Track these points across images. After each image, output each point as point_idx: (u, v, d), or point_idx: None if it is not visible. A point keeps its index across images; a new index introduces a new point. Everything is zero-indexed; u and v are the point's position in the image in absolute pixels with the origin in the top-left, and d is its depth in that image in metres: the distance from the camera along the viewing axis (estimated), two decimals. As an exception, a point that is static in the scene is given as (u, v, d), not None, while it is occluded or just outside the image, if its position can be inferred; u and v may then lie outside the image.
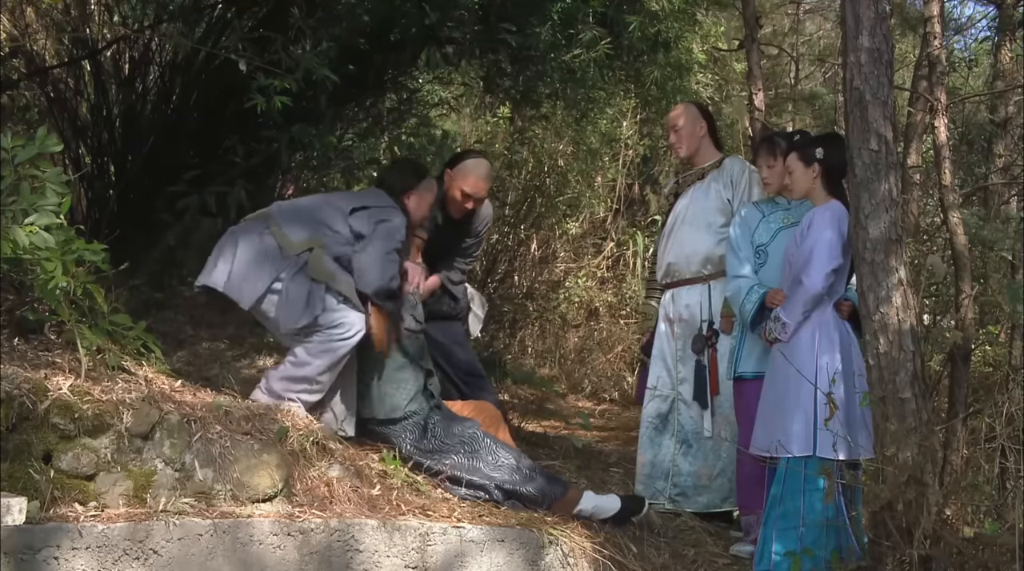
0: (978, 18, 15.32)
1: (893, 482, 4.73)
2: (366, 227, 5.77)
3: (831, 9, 17.60)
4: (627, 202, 13.83)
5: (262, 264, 5.68)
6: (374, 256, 5.70)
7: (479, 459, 5.76)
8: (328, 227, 5.78)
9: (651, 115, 12.10)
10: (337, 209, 5.86)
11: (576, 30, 7.95)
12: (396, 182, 6.15)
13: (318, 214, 5.84)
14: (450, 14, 7.65)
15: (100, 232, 7.31)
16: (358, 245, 5.74)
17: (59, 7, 8.79)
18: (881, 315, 4.97)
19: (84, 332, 4.79)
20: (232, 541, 4.40)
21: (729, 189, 6.52)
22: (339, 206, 5.89)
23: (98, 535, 4.09)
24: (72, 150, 8.92)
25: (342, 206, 5.88)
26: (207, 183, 8.01)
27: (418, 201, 6.14)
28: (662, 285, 6.83)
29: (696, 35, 10.55)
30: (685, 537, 5.96)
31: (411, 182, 6.15)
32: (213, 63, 8.42)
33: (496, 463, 5.75)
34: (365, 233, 5.75)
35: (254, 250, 5.72)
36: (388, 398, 5.83)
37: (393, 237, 5.77)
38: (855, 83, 5.11)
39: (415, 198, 6.13)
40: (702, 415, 6.45)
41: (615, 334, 12.39)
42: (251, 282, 5.68)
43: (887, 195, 5.03)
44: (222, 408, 4.99)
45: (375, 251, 5.71)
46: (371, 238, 5.74)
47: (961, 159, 12.54)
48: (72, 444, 4.35)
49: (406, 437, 5.81)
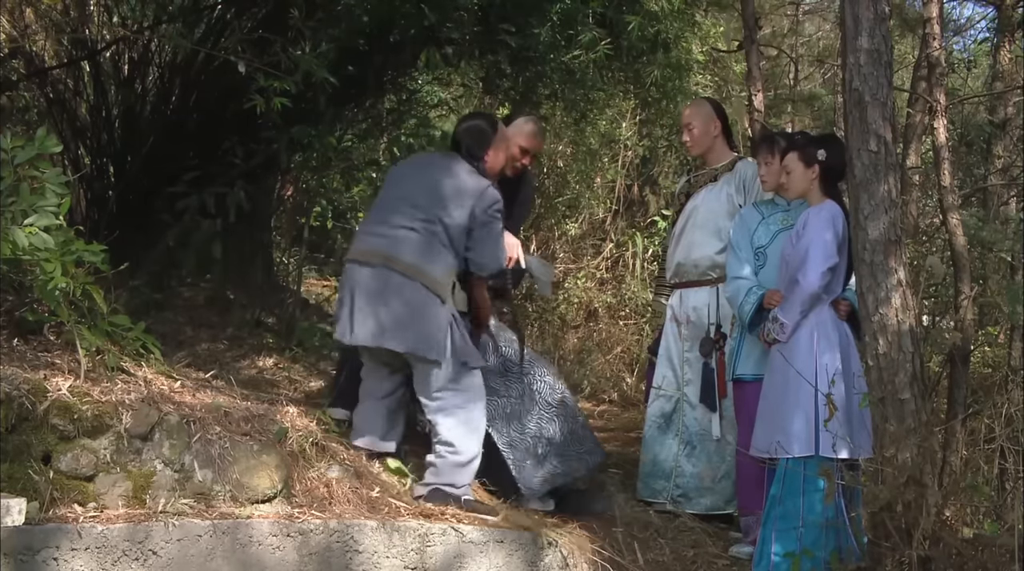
0: (977, 19, 15.36)
1: (892, 483, 4.73)
2: (466, 215, 5.58)
3: (830, 10, 17.59)
4: (626, 203, 13.80)
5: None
6: (491, 245, 5.64)
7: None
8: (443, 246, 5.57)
9: (650, 116, 12.09)
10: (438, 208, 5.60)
11: (575, 31, 7.96)
12: (474, 143, 5.83)
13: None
14: (449, 15, 7.66)
15: (99, 233, 7.31)
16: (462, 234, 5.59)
17: (58, 8, 8.79)
18: (880, 316, 4.97)
19: (83, 333, 4.79)
20: (231, 542, 4.40)
21: (741, 193, 6.49)
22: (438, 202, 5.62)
23: (97, 536, 4.09)
24: (71, 151, 8.92)
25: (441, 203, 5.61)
26: (206, 184, 8.01)
27: (495, 154, 5.90)
28: (670, 284, 6.82)
29: (695, 36, 10.55)
30: (684, 538, 5.96)
31: (488, 137, 5.87)
32: (212, 64, 8.43)
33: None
34: (465, 221, 5.57)
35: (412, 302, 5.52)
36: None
37: (498, 217, 5.64)
38: (854, 84, 5.11)
39: (492, 152, 5.88)
40: (709, 417, 6.44)
41: (614, 335, 12.37)
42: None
43: (886, 196, 5.03)
44: (221, 409, 4.98)
45: (491, 239, 5.63)
46: (481, 226, 5.59)
47: (960, 160, 12.53)
48: (71, 445, 4.35)
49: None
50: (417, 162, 6.05)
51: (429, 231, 5.51)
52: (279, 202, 10.39)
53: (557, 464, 6.15)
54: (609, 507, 6.23)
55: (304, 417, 5.49)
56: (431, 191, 5.61)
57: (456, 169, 5.69)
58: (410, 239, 5.50)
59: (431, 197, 5.59)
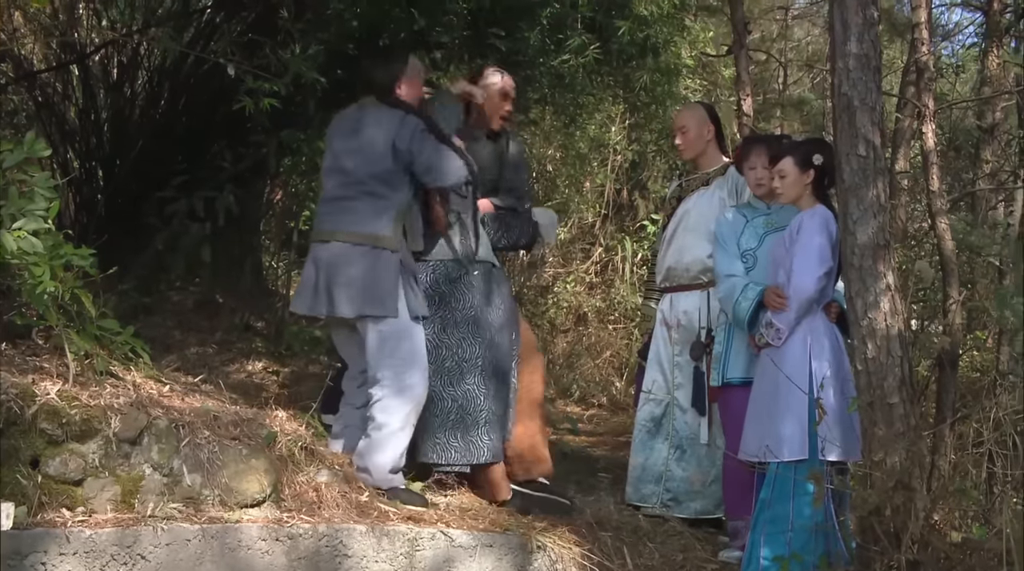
0: (965, 24, 15.43)
1: (881, 487, 4.74)
2: (389, 155, 5.66)
3: (819, 15, 17.66)
4: (616, 207, 13.82)
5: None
6: (436, 156, 5.67)
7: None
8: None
9: (640, 120, 12.10)
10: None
11: (565, 35, 7.97)
12: (384, 79, 5.88)
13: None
14: (439, 19, 7.67)
15: (88, 237, 7.30)
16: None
17: (47, 11, 8.78)
18: (869, 320, 4.98)
19: (72, 337, 4.78)
20: (220, 546, 4.39)
21: (734, 197, 6.46)
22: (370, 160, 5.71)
23: (86, 540, 4.08)
24: (60, 154, 8.92)
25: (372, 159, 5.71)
26: (195, 188, 8.01)
27: (408, 84, 5.90)
28: (660, 288, 6.80)
29: (685, 40, 10.54)
30: (673, 542, 5.95)
31: (397, 70, 5.88)
32: (202, 68, 8.43)
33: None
34: (391, 162, 5.67)
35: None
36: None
37: (426, 134, 5.67)
38: (843, 89, 5.12)
39: (405, 84, 5.88)
40: (699, 421, 6.43)
41: (604, 339, 12.39)
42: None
43: (875, 200, 5.04)
44: (210, 413, 4.98)
45: (433, 152, 5.66)
46: (417, 152, 5.64)
47: (948, 165, 12.57)
48: (60, 449, 4.34)
49: None
50: (337, 125, 6.00)
51: (364, 192, 5.67)
52: (268, 206, 10.38)
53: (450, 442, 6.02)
54: (566, 510, 6.16)
55: (293, 421, 5.49)
56: (352, 151, 5.75)
57: (367, 118, 5.79)
58: (350, 208, 5.69)
59: (354, 157, 5.74)
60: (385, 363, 5.57)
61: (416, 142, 5.63)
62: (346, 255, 5.60)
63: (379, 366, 5.58)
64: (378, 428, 5.54)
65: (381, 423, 5.53)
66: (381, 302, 5.54)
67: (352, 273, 5.57)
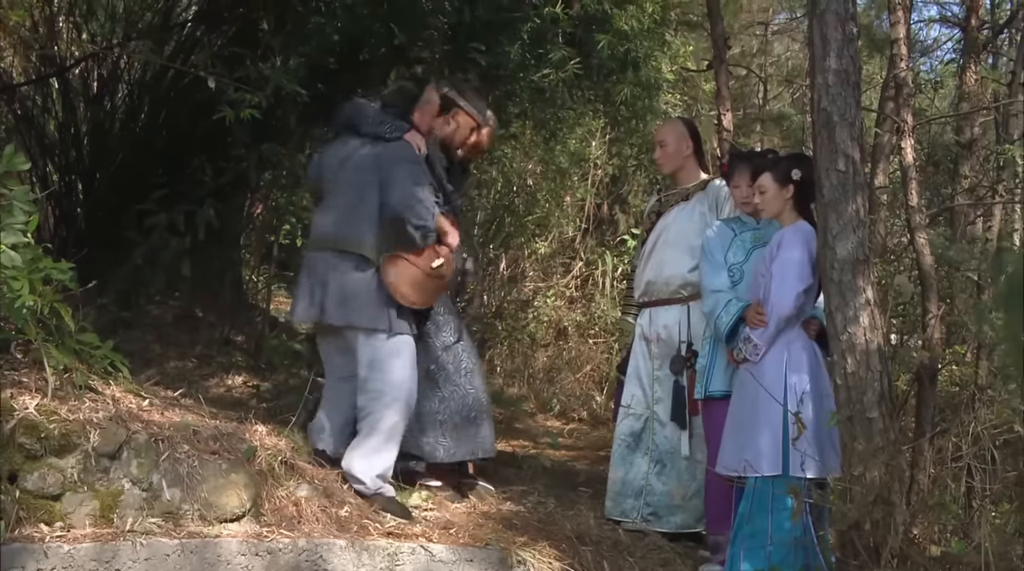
0: (943, 40, 15.52)
1: (860, 501, 4.75)
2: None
3: (799, 31, 17.74)
4: (596, 222, 13.83)
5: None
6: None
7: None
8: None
9: (620, 135, 12.12)
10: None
11: (545, 50, 7.97)
12: (401, 104, 6.25)
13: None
14: (419, 34, 7.67)
15: (67, 250, 7.28)
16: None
17: (27, 24, 8.76)
18: (849, 335, 4.99)
19: (51, 351, 4.76)
20: (200, 561, 4.38)
21: (714, 212, 6.46)
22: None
23: (64, 555, 4.07)
24: (40, 168, 8.88)
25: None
26: (175, 202, 7.99)
27: (420, 115, 6.27)
28: (639, 303, 6.80)
29: (665, 55, 10.56)
30: (654, 556, 5.95)
31: (414, 98, 6.30)
32: (182, 81, 8.41)
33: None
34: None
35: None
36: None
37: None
38: (823, 104, 5.15)
39: (418, 113, 6.26)
40: (679, 436, 6.42)
41: (584, 353, 12.38)
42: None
43: (855, 215, 5.06)
44: (190, 427, 4.97)
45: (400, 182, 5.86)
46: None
47: (927, 180, 12.64)
48: (38, 464, 4.32)
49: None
50: (330, 152, 6.24)
51: (356, 204, 5.87)
52: (248, 220, 10.36)
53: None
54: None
55: (273, 436, 5.49)
56: (355, 172, 5.96)
57: (369, 149, 6.00)
58: (344, 217, 5.88)
59: (355, 177, 5.95)
60: (374, 375, 5.69)
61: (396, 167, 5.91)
62: (335, 264, 5.83)
63: (369, 377, 5.71)
64: (368, 436, 5.65)
65: (370, 431, 5.66)
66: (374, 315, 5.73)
67: (339, 282, 5.78)
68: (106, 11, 9.19)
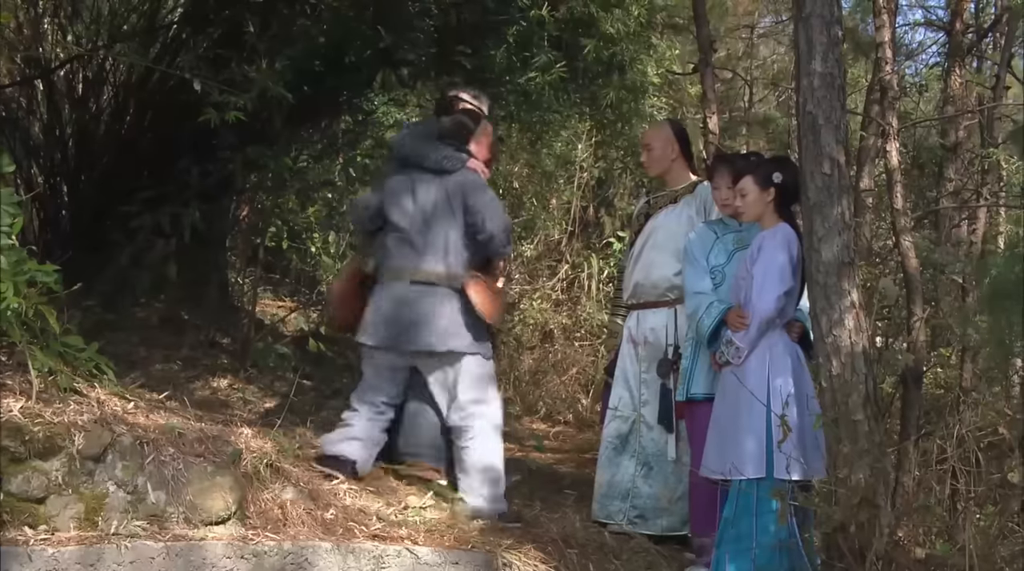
0: (928, 44, 15.55)
1: (846, 504, 4.76)
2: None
3: (784, 34, 17.78)
4: (582, 224, 13.85)
5: None
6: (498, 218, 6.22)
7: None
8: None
9: (606, 138, 12.14)
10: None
11: (531, 53, 7.98)
12: (458, 134, 6.36)
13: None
14: (405, 36, 7.67)
15: (52, 253, 7.28)
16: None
17: (11, 26, 8.74)
18: (834, 337, 5.00)
19: (35, 353, 4.75)
20: (185, 564, 4.37)
21: (702, 215, 6.45)
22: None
23: (48, 559, 4.05)
24: (24, 170, 8.85)
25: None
26: (161, 204, 7.97)
27: (478, 146, 6.41)
28: (627, 305, 6.80)
29: (651, 58, 10.58)
30: (639, 559, 5.95)
31: (470, 130, 6.40)
32: (168, 83, 8.40)
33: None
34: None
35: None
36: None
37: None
38: (808, 107, 5.15)
39: (475, 144, 6.40)
40: (666, 438, 6.42)
41: (570, 356, 12.38)
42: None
43: (840, 218, 5.06)
44: (175, 430, 4.96)
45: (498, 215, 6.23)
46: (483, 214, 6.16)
47: (912, 183, 12.67)
48: (22, 467, 4.31)
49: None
50: (398, 185, 6.35)
51: (437, 236, 6.16)
52: (234, 222, 10.34)
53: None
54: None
55: (259, 438, 5.47)
56: (432, 206, 6.19)
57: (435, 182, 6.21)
58: (424, 249, 6.16)
59: (431, 211, 6.19)
60: (479, 398, 6.22)
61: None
62: (418, 293, 6.18)
63: (473, 400, 6.22)
64: (482, 459, 6.16)
65: (483, 455, 6.18)
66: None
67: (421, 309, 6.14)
68: (91, 13, 9.18)
